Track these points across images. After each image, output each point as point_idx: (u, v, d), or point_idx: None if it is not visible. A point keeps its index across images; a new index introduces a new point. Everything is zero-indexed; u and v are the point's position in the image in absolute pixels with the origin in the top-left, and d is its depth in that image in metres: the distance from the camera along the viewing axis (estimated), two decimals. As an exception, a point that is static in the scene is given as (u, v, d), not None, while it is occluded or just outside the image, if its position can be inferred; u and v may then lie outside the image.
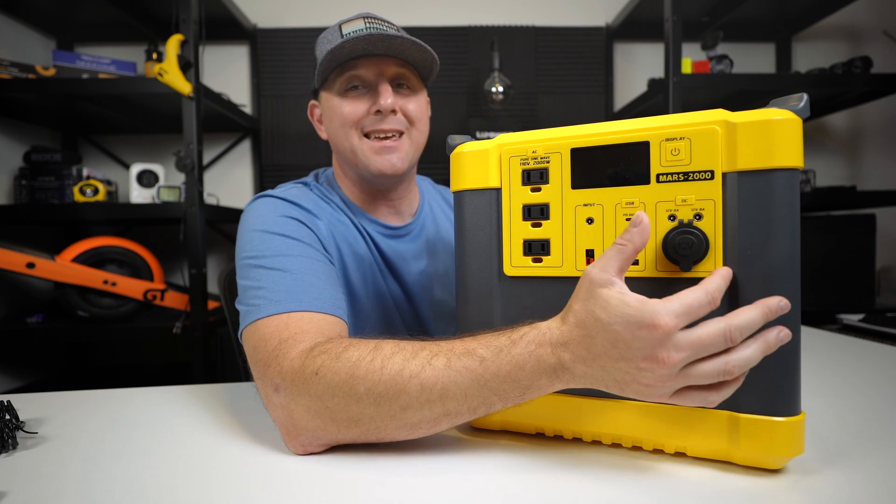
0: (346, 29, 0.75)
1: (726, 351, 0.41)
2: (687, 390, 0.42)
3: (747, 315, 0.40)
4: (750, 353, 0.40)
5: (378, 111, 0.75)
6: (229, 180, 2.09)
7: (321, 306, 0.61)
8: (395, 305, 0.82)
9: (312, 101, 0.86)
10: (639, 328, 0.39)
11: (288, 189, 0.78)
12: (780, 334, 0.41)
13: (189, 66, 1.51)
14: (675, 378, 0.40)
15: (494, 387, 0.46)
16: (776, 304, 0.41)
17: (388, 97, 0.74)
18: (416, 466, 0.49)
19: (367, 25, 0.75)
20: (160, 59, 1.70)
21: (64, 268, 1.55)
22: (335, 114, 0.78)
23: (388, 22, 0.78)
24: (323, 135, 0.85)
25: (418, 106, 0.79)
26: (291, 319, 0.58)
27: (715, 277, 0.42)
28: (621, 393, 0.43)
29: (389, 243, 0.83)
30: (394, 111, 0.76)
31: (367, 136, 0.77)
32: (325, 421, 0.51)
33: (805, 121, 0.85)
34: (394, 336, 0.53)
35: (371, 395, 0.48)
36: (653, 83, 1.79)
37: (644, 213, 0.44)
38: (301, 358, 0.52)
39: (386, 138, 0.77)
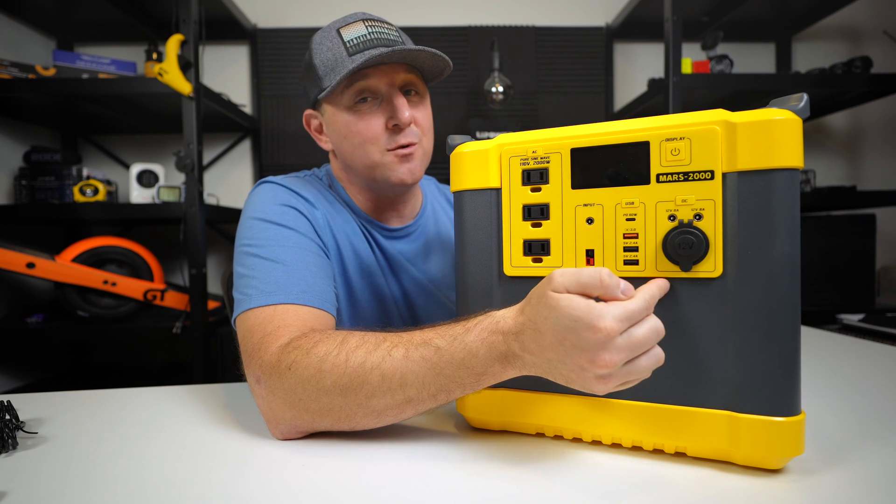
0: (347, 35, 0.73)
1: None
2: (610, 377, 0.43)
3: (639, 305, 0.42)
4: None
5: (395, 125, 0.73)
6: (229, 180, 2.09)
7: (308, 299, 0.63)
8: (395, 306, 0.82)
9: (309, 111, 0.82)
10: (585, 330, 0.41)
11: (291, 178, 0.78)
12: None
13: (189, 66, 1.51)
14: (615, 377, 0.42)
15: (449, 374, 0.49)
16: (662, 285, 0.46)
17: (405, 110, 0.72)
18: (416, 466, 0.49)
19: (369, 29, 0.73)
20: (160, 59, 1.70)
21: (64, 268, 1.55)
22: (350, 131, 0.75)
23: (387, 22, 0.77)
24: (325, 146, 0.82)
25: (426, 115, 0.78)
26: (277, 312, 0.61)
27: (651, 287, 0.45)
28: (567, 385, 0.45)
29: (391, 244, 0.82)
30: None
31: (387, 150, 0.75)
32: (299, 411, 0.54)
33: (805, 121, 0.85)
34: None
35: (337, 387, 0.52)
36: (653, 83, 1.79)
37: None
38: (278, 353, 0.56)
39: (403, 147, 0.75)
